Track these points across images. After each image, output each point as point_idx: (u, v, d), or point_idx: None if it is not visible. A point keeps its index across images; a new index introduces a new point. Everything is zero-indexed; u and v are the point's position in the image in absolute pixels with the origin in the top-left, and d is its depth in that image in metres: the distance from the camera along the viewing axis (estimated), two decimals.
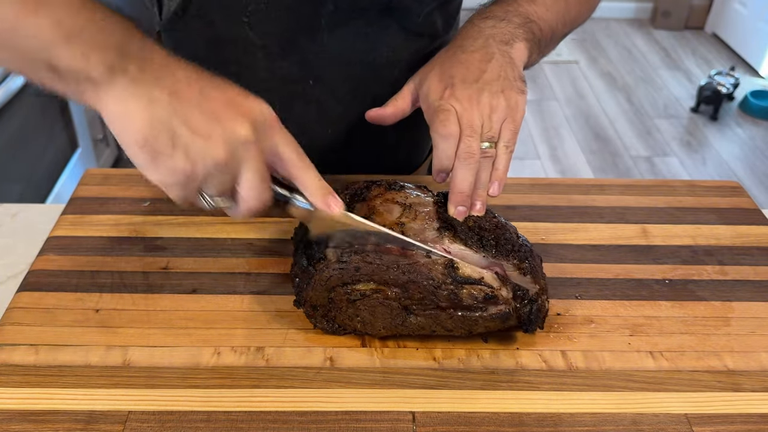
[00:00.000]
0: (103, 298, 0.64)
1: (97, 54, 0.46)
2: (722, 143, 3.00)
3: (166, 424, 0.53)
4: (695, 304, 0.66)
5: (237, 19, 0.73)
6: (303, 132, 0.82)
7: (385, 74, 0.80)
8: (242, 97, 0.52)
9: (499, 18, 0.67)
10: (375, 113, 0.70)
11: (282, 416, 0.54)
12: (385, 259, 0.57)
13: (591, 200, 0.81)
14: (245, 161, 0.50)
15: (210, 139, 0.48)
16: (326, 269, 0.58)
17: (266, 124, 0.52)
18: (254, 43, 0.75)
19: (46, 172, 2.00)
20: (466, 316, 0.57)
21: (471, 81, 0.62)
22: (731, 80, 3.21)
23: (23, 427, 0.52)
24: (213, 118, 0.49)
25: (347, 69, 0.78)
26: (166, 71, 0.49)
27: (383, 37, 0.77)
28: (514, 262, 0.60)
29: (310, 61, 0.76)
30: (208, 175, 0.49)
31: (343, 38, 0.75)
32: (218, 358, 0.58)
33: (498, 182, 0.63)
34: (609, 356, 0.60)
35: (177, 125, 0.48)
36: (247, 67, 0.77)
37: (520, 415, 0.55)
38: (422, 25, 0.79)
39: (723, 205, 0.81)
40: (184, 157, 0.48)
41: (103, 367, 0.57)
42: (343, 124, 0.82)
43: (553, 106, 3.26)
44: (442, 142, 0.60)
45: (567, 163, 2.84)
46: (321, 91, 0.78)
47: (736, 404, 0.56)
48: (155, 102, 0.47)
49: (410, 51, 0.80)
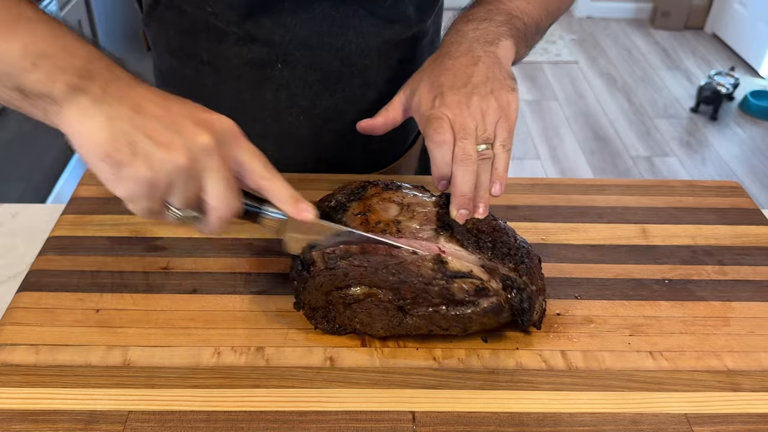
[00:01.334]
0: (104, 298, 0.64)
1: (61, 76, 0.48)
2: (722, 143, 3.00)
3: (166, 424, 0.53)
4: (695, 304, 0.66)
5: (203, 8, 0.75)
6: (276, 119, 0.83)
7: (355, 62, 0.80)
8: (205, 112, 0.52)
9: (481, 19, 0.68)
10: (366, 124, 0.70)
11: (282, 416, 0.54)
12: (372, 260, 0.57)
13: (591, 200, 0.81)
14: (208, 169, 0.50)
15: (171, 147, 0.49)
16: (318, 275, 0.58)
17: (229, 135, 0.52)
18: (223, 29, 0.76)
19: (46, 172, 2.00)
20: (460, 314, 0.57)
21: (459, 86, 0.63)
22: (731, 80, 3.21)
23: (23, 427, 0.52)
24: (174, 128, 0.49)
25: (315, 54, 0.78)
26: (129, 91, 0.50)
27: (350, 21, 0.77)
28: (510, 265, 0.59)
29: (276, 44, 0.77)
30: (171, 184, 0.50)
31: (309, 21, 0.76)
32: (218, 358, 0.58)
33: (499, 182, 0.63)
34: (609, 356, 0.60)
35: (138, 136, 0.48)
36: (219, 55, 0.79)
37: (520, 415, 0.55)
38: (391, 12, 0.79)
39: (723, 205, 0.81)
40: (145, 166, 0.48)
41: (103, 367, 0.57)
42: (316, 111, 0.82)
43: (553, 106, 3.26)
44: (437, 149, 0.61)
45: (567, 163, 2.84)
46: (290, 76, 0.79)
47: (735, 404, 0.56)
48: (116, 117, 0.48)
49: (381, 39, 0.80)
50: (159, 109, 0.50)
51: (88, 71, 0.49)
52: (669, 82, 3.51)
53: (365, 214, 0.61)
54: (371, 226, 0.60)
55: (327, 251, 0.58)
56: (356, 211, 0.61)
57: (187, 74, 0.83)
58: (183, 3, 0.77)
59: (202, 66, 0.81)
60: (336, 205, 0.63)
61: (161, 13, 0.80)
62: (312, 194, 0.76)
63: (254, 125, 0.83)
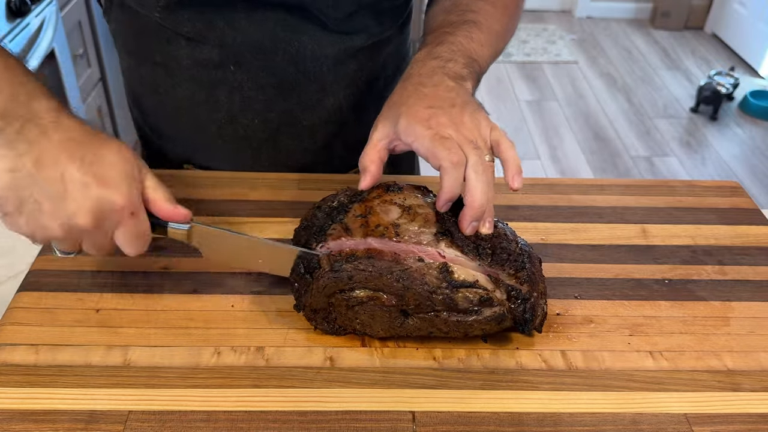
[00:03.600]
0: (104, 298, 0.64)
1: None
2: (722, 143, 3.00)
3: (166, 424, 0.53)
4: (695, 303, 0.66)
5: (151, 13, 0.75)
6: (231, 122, 0.83)
7: (311, 68, 0.79)
8: (101, 184, 0.54)
9: (446, 59, 0.69)
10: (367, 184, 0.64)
11: (282, 416, 0.54)
12: (378, 265, 0.57)
13: (591, 200, 0.81)
14: (84, 240, 0.56)
15: (51, 218, 0.53)
16: (321, 278, 0.58)
17: (114, 214, 0.54)
18: (174, 31, 0.76)
19: None
20: (461, 320, 0.57)
21: (447, 107, 0.63)
22: (731, 80, 3.21)
23: (23, 426, 0.52)
24: (61, 199, 0.53)
25: (268, 57, 0.78)
26: (42, 137, 0.53)
27: (304, 27, 0.77)
28: (510, 271, 0.59)
29: (229, 45, 0.77)
30: (47, 240, 0.56)
31: (262, 24, 0.76)
32: (218, 358, 0.58)
33: (517, 174, 0.62)
34: (609, 356, 0.60)
35: (27, 196, 0.53)
36: (171, 57, 0.79)
37: (519, 414, 0.55)
38: (346, 25, 0.78)
39: (722, 205, 0.81)
40: (25, 224, 0.54)
41: (103, 366, 0.57)
42: (271, 114, 0.82)
43: (553, 106, 3.26)
44: (453, 170, 0.59)
45: (567, 163, 2.84)
46: (243, 78, 0.79)
47: (735, 404, 0.56)
48: (16, 170, 0.52)
49: (338, 48, 0.79)
50: (56, 170, 0.53)
51: (8, 110, 0.52)
52: (669, 82, 3.52)
53: (366, 217, 0.61)
54: (371, 229, 0.60)
55: (333, 254, 0.58)
56: (357, 213, 0.61)
57: (144, 74, 0.84)
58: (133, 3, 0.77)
59: (157, 67, 0.81)
60: (338, 205, 0.63)
61: (116, 14, 0.80)
62: (313, 194, 0.76)
63: (210, 126, 0.84)
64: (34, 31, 1.78)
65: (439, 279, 0.57)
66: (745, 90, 3.25)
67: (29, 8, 1.77)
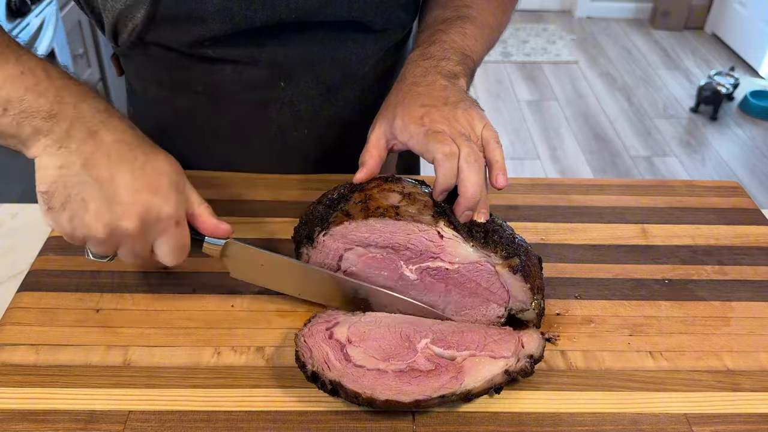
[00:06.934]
0: (104, 298, 0.64)
1: (27, 120, 0.52)
2: (722, 143, 3.00)
3: (166, 424, 0.53)
4: (695, 304, 0.66)
5: (197, 48, 0.74)
6: (281, 134, 0.83)
7: (355, 71, 0.81)
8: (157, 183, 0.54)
9: (439, 58, 0.69)
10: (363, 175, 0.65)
11: (282, 416, 0.54)
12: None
13: (591, 200, 0.81)
14: (123, 246, 0.56)
15: (96, 218, 0.53)
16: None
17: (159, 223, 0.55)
18: (223, 59, 0.76)
19: None
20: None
21: (441, 105, 0.64)
22: (731, 80, 3.21)
23: (23, 426, 0.52)
24: (109, 201, 0.53)
25: (318, 68, 0.78)
26: (92, 137, 0.53)
27: (350, 33, 0.78)
28: (503, 254, 0.59)
29: (280, 63, 0.77)
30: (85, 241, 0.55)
31: (312, 37, 0.76)
32: (218, 358, 0.58)
33: (501, 173, 0.62)
34: (609, 356, 0.60)
35: (74, 194, 0.53)
36: (214, 84, 0.78)
37: (519, 414, 0.55)
38: (386, 23, 0.80)
39: (723, 205, 0.81)
40: (67, 221, 0.54)
41: (103, 367, 0.57)
42: (318, 122, 0.83)
43: (553, 106, 3.26)
44: (446, 161, 0.60)
45: (567, 163, 2.84)
46: (293, 92, 0.79)
47: (735, 404, 0.56)
48: (65, 167, 0.53)
49: (378, 46, 0.81)
50: (106, 172, 0.53)
51: (54, 113, 0.53)
52: (669, 82, 3.51)
53: (366, 202, 0.61)
54: (371, 211, 0.60)
55: None
56: (357, 200, 0.62)
57: (181, 105, 0.82)
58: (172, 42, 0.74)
59: (197, 96, 0.80)
60: (338, 196, 0.64)
61: (144, 50, 0.77)
62: (313, 194, 0.76)
63: (259, 142, 0.83)
64: (34, 31, 1.78)
65: None
66: (745, 90, 3.25)
67: (29, 8, 1.77)
